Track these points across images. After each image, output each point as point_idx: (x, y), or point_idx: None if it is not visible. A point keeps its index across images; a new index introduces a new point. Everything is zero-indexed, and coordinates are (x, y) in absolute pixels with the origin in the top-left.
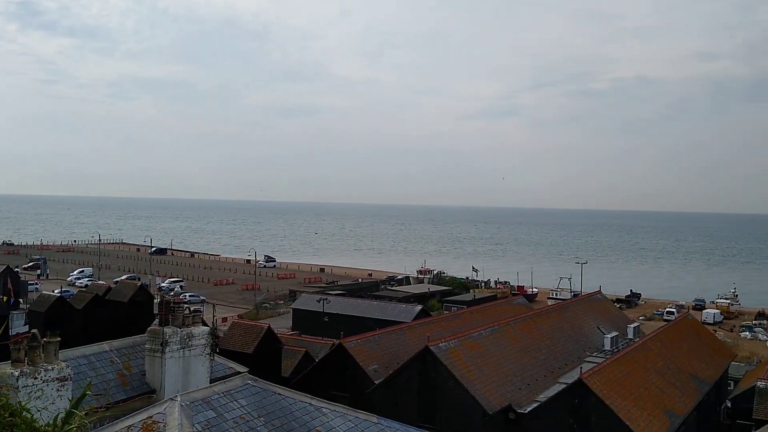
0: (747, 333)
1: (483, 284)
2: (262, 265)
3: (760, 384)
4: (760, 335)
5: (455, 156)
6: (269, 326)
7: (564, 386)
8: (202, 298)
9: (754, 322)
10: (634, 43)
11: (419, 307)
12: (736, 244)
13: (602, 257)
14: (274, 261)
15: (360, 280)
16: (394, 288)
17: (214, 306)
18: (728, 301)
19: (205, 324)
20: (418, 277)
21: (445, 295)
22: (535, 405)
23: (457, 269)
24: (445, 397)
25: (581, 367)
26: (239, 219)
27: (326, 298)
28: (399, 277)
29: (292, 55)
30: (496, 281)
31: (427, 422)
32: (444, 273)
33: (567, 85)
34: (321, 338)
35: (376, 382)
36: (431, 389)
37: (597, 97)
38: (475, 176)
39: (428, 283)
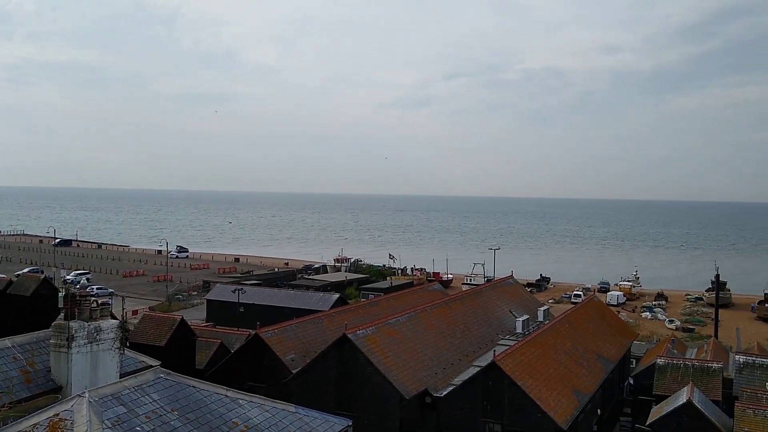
0: (647, 313)
1: (400, 271)
2: (174, 256)
3: (660, 361)
4: (659, 315)
5: (374, 145)
6: (182, 318)
7: (478, 369)
8: (111, 290)
9: (654, 302)
10: (543, 35)
11: (336, 296)
12: (642, 227)
13: (514, 243)
14: (187, 251)
15: (276, 269)
16: (311, 277)
17: (123, 298)
18: (630, 284)
19: (114, 317)
20: (335, 266)
21: (362, 282)
22: (450, 388)
23: (375, 257)
24: (363, 384)
25: (495, 350)
26: (151, 209)
27: (241, 288)
28: (316, 265)
29: (203, 40)
30: (412, 268)
31: (344, 410)
32: (361, 261)
33: (480, 76)
34: (236, 329)
35: (294, 371)
36: (349, 377)
37: (509, 87)
38: (393, 165)
39: (345, 271)
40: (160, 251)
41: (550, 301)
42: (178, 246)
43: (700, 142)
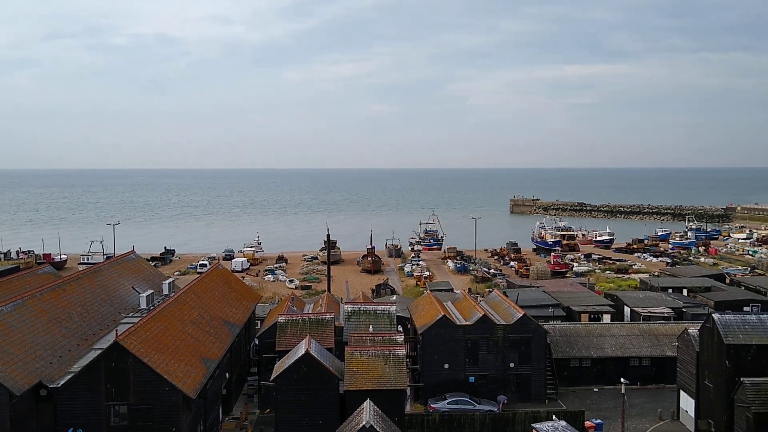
0: (270, 276)
1: (2, 256)
2: None
3: (281, 319)
4: (280, 276)
5: None
6: None
7: (99, 352)
8: None
9: (275, 265)
10: (153, 1)
11: None
12: (268, 194)
13: (136, 216)
14: None
15: None
16: None
17: None
18: (253, 249)
19: None
20: None
21: None
22: (69, 376)
23: None
24: None
25: (117, 330)
26: None
27: None
28: None
29: None
30: (18, 251)
31: None
32: None
33: (85, 38)
34: None
35: None
36: None
37: (118, 52)
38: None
39: None
40: None
41: (175, 273)
42: None
43: (314, 112)
